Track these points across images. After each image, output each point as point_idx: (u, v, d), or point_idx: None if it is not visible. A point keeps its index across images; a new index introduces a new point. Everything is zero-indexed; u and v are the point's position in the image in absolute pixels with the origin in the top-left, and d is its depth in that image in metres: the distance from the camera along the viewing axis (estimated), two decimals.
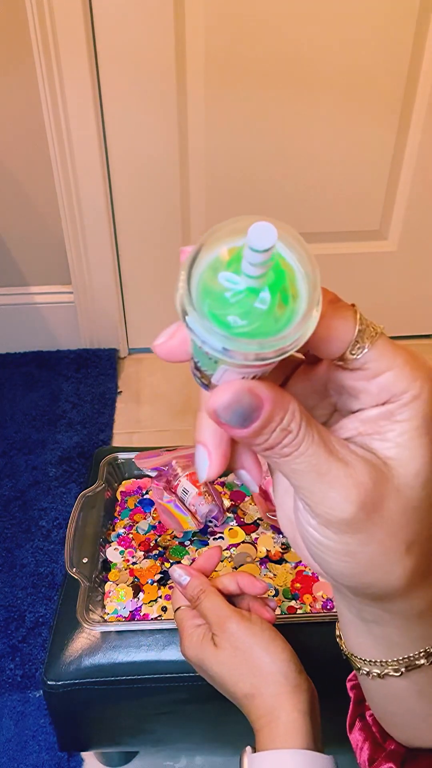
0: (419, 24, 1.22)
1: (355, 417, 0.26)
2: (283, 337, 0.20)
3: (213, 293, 0.20)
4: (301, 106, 1.29)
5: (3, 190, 1.38)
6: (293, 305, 0.20)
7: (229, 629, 0.54)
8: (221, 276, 0.20)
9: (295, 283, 0.20)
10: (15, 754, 0.85)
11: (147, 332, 1.59)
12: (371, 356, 0.25)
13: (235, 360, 0.20)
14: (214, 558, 0.63)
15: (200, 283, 0.20)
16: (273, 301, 0.20)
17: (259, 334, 0.20)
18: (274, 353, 0.20)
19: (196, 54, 1.22)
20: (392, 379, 0.25)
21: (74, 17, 1.15)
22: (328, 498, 0.24)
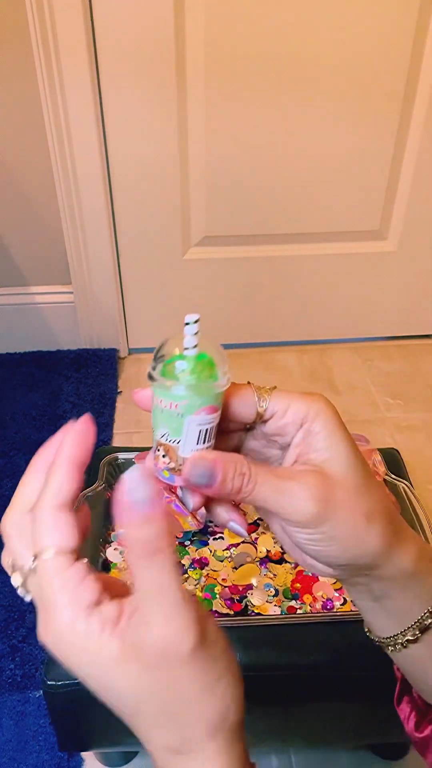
0: (419, 24, 1.22)
1: (291, 447, 0.35)
2: (218, 384, 0.32)
3: (171, 370, 0.32)
4: (301, 107, 1.29)
5: (3, 190, 1.38)
6: (215, 369, 0.33)
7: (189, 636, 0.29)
8: (178, 362, 0.32)
9: (214, 360, 0.33)
10: (15, 754, 0.85)
11: (147, 332, 1.59)
12: (274, 404, 0.35)
13: (196, 394, 0.31)
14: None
15: (163, 369, 0.32)
16: (204, 364, 0.32)
17: (203, 380, 0.32)
18: (216, 388, 0.32)
19: (196, 54, 1.22)
20: (296, 408, 0.34)
21: (74, 17, 1.15)
22: (293, 506, 0.33)
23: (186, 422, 0.32)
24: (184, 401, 0.31)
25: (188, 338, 0.32)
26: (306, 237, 1.47)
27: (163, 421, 0.32)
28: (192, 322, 0.31)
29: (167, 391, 0.31)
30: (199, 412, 0.32)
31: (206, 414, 0.32)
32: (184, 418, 0.32)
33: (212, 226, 1.44)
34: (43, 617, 0.29)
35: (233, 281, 1.51)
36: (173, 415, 0.32)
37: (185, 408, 0.31)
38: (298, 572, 0.71)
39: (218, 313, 1.56)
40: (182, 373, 0.32)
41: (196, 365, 0.32)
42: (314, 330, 1.61)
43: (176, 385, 0.31)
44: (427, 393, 1.45)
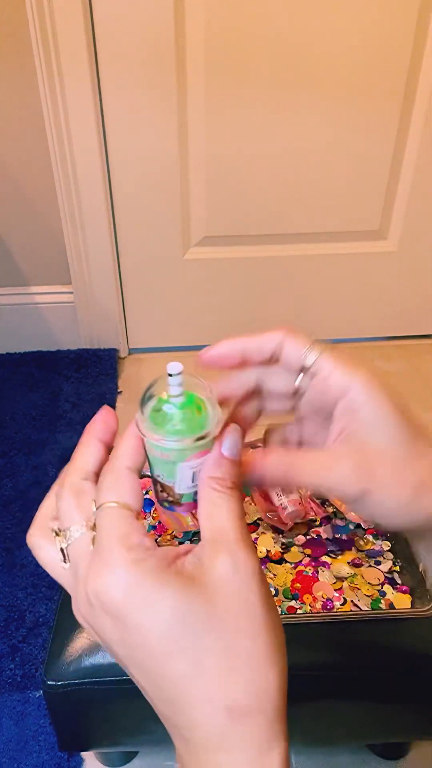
0: (419, 24, 1.22)
1: (333, 420, 0.34)
2: (207, 431, 0.32)
3: (159, 417, 0.32)
4: (301, 107, 1.29)
5: (3, 190, 1.38)
6: (204, 412, 0.32)
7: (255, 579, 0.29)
8: (165, 406, 0.32)
9: (203, 402, 0.32)
10: (15, 754, 0.85)
11: (147, 332, 1.59)
12: (321, 362, 0.34)
13: (184, 446, 0.31)
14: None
15: (151, 415, 0.32)
16: (192, 410, 0.32)
17: (191, 429, 0.31)
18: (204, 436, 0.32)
19: (196, 55, 1.22)
20: (339, 375, 0.34)
21: (74, 17, 1.15)
22: (336, 487, 0.33)
23: (178, 468, 0.32)
24: (173, 452, 0.31)
25: (173, 388, 0.31)
26: (306, 237, 1.47)
27: (156, 465, 0.33)
28: (175, 374, 0.31)
29: (159, 443, 0.31)
30: (190, 459, 0.32)
31: (196, 459, 0.32)
32: (176, 465, 0.32)
33: (212, 226, 1.44)
34: (97, 564, 0.28)
35: (233, 281, 1.51)
36: (166, 463, 0.32)
37: (176, 457, 0.32)
38: (297, 572, 0.71)
39: (218, 313, 1.56)
40: (171, 421, 0.31)
41: (184, 413, 0.32)
42: (314, 330, 1.60)
43: (166, 439, 0.31)
44: (427, 393, 1.45)
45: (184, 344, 1.60)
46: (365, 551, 0.74)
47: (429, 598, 0.66)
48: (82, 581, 0.29)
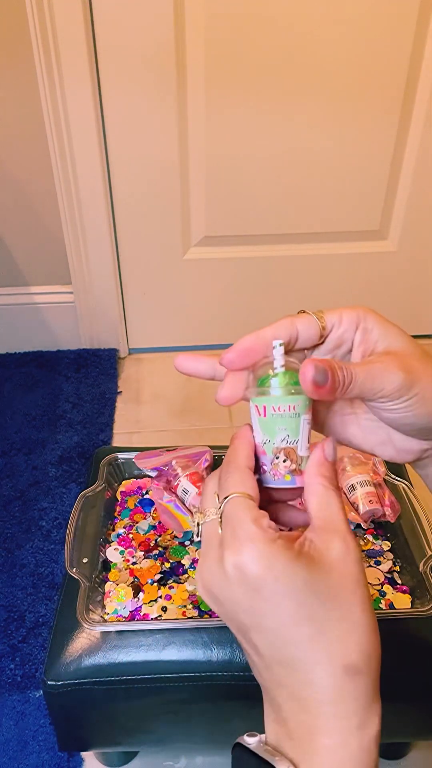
0: (419, 24, 1.22)
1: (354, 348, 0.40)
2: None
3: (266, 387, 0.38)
4: (301, 107, 1.29)
5: (3, 190, 1.38)
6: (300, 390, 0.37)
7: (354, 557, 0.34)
8: (272, 378, 0.37)
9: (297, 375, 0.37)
10: (15, 754, 0.85)
11: (147, 332, 1.59)
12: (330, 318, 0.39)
13: (305, 400, 0.37)
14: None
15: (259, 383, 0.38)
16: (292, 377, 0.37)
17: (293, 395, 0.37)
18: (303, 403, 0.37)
19: (197, 54, 1.22)
20: (347, 315, 0.39)
21: (74, 17, 1.15)
22: (385, 382, 0.37)
23: (302, 420, 0.37)
24: (299, 401, 0.37)
25: (276, 358, 0.37)
26: (306, 237, 1.47)
27: (282, 425, 0.37)
28: (278, 345, 0.37)
29: (285, 396, 0.37)
30: (308, 410, 0.37)
31: (310, 412, 0.38)
32: (300, 417, 0.37)
33: (212, 226, 1.44)
34: (234, 542, 0.33)
35: (233, 281, 1.51)
36: (293, 416, 0.37)
37: (301, 407, 0.37)
38: None
39: (218, 313, 1.56)
40: (272, 386, 0.37)
41: (284, 377, 0.37)
42: None
43: (288, 390, 0.37)
44: None
45: (184, 344, 1.60)
46: (365, 551, 0.74)
47: (429, 598, 0.66)
48: (212, 557, 0.35)
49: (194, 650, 0.65)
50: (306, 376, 0.35)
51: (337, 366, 0.36)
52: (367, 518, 0.75)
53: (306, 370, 0.35)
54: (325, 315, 0.39)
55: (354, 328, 0.39)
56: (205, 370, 0.40)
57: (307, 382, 0.35)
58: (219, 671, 0.65)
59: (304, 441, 0.37)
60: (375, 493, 0.76)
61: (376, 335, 0.39)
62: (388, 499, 0.76)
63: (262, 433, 0.38)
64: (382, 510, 0.75)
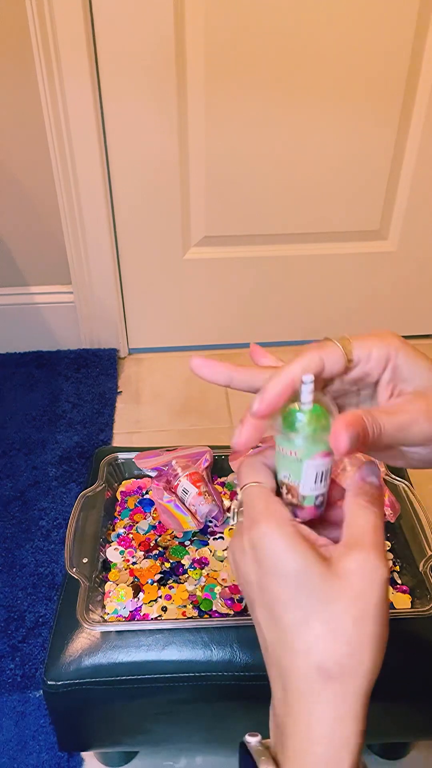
0: (419, 24, 1.22)
1: (381, 386, 0.39)
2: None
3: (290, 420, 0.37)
4: (301, 107, 1.29)
5: (3, 190, 1.38)
6: (329, 419, 0.36)
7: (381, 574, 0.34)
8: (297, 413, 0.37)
9: (327, 410, 0.37)
10: (15, 754, 0.85)
11: (147, 332, 1.59)
12: (358, 353, 0.38)
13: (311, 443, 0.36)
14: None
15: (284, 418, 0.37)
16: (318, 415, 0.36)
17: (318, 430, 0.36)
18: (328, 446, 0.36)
19: (196, 54, 1.22)
20: (378, 351, 0.38)
21: (74, 17, 1.15)
22: (414, 433, 0.36)
23: (304, 466, 0.37)
24: (301, 449, 0.36)
25: (305, 395, 0.36)
26: (306, 237, 1.47)
27: (285, 466, 0.38)
28: (309, 382, 0.36)
29: (288, 441, 0.36)
30: (315, 457, 0.36)
31: (321, 458, 0.37)
32: (302, 462, 0.37)
33: (212, 226, 1.44)
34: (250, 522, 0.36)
35: (233, 281, 1.51)
36: (293, 461, 0.37)
37: (303, 454, 0.36)
38: None
39: (218, 313, 1.56)
40: (300, 424, 0.36)
41: (312, 417, 0.36)
42: (314, 330, 1.60)
43: (296, 436, 0.36)
44: None
45: (184, 344, 1.60)
46: None
47: (429, 598, 0.66)
48: (238, 537, 0.37)
49: (194, 650, 0.65)
50: (339, 444, 0.34)
51: (367, 423, 0.35)
52: None
53: (339, 439, 0.34)
54: (353, 348, 0.38)
55: (383, 365, 0.38)
56: (223, 380, 0.40)
57: (340, 449, 0.34)
58: (219, 671, 0.65)
59: (308, 482, 0.37)
60: None
61: (405, 374, 0.38)
62: (388, 499, 0.76)
63: (275, 461, 0.39)
64: None
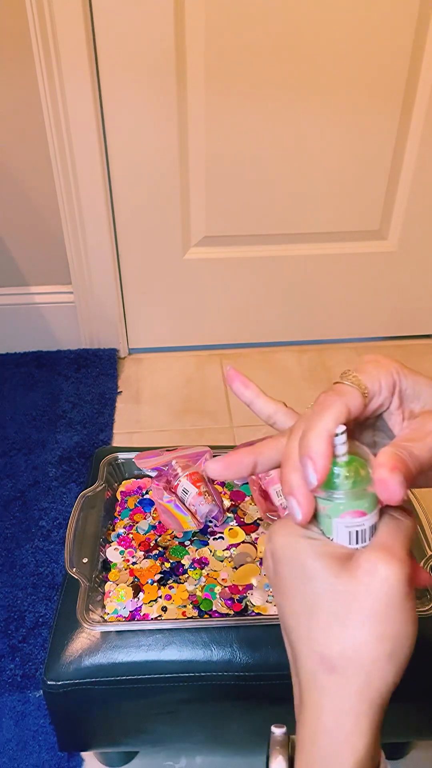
0: (419, 24, 1.22)
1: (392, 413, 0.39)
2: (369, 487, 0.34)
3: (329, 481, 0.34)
4: (301, 107, 1.29)
5: (3, 190, 1.38)
6: (365, 473, 0.34)
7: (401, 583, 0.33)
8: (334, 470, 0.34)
9: (365, 464, 0.35)
10: (15, 754, 0.85)
11: (147, 332, 1.59)
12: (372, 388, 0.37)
13: (337, 505, 0.34)
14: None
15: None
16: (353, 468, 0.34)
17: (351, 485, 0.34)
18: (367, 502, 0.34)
19: (196, 54, 1.22)
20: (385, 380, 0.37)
21: (74, 17, 1.15)
22: None
23: (334, 524, 0.34)
24: (329, 505, 0.34)
25: (339, 447, 0.34)
26: (306, 237, 1.47)
27: (320, 519, 0.35)
28: (340, 433, 0.34)
29: (318, 496, 0.34)
30: (344, 515, 0.34)
31: (351, 517, 0.34)
32: (331, 519, 0.34)
33: (212, 226, 1.44)
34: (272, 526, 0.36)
35: (233, 281, 1.51)
36: (325, 516, 0.35)
37: (330, 511, 0.34)
38: None
39: (218, 313, 1.56)
40: (338, 479, 0.34)
41: (349, 470, 0.34)
42: (314, 330, 1.61)
43: (324, 492, 0.34)
44: None
45: (184, 344, 1.60)
46: None
47: (429, 598, 0.66)
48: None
49: (194, 650, 0.65)
50: (391, 493, 0.33)
51: (405, 458, 0.34)
52: None
53: (390, 486, 0.32)
54: (365, 383, 0.37)
55: (392, 392, 0.38)
56: (248, 474, 0.39)
57: (395, 497, 0.33)
58: (219, 671, 0.65)
59: (339, 540, 0.35)
60: None
61: (410, 394, 0.39)
62: None
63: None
64: None
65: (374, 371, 0.37)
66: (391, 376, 0.38)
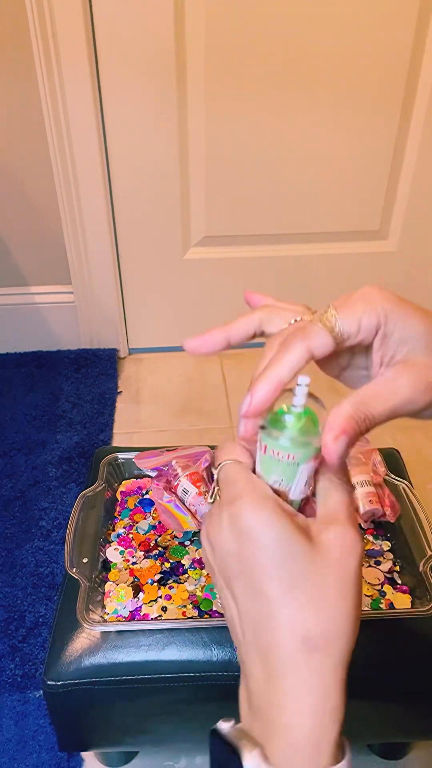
0: (419, 24, 1.22)
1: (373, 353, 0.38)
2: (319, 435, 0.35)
3: (280, 425, 0.36)
4: (301, 106, 1.29)
5: (3, 190, 1.38)
6: (317, 422, 0.36)
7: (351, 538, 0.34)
8: (286, 416, 0.36)
9: (317, 413, 0.36)
10: (15, 754, 0.85)
11: (147, 332, 1.59)
12: (347, 330, 0.36)
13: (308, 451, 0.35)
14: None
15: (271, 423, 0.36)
16: (309, 418, 0.36)
17: (311, 433, 0.35)
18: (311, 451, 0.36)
19: (196, 54, 1.22)
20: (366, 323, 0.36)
21: (74, 17, 1.15)
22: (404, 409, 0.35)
23: (299, 470, 0.36)
24: (300, 452, 0.35)
25: (299, 397, 0.35)
26: (306, 237, 1.47)
27: (277, 470, 0.36)
28: (304, 384, 0.35)
29: (288, 443, 0.35)
30: (310, 460, 0.36)
31: (314, 462, 0.36)
32: (299, 466, 0.36)
33: (212, 226, 1.44)
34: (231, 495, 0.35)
35: (233, 281, 1.51)
36: (290, 465, 0.36)
37: (301, 458, 0.35)
38: None
39: (218, 313, 1.56)
40: (294, 426, 0.35)
41: (301, 420, 0.35)
42: None
43: (295, 438, 0.35)
44: None
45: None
46: (365, 551, 0.74)
47: (429, 598, 0.66)
48: (215, 512, 0.36)
49: (194, 650, 0.65)
50: (331, 456, 0.34)
51: (357, 420, 0.34)
52: (367, 518, 0.75)
53: (330, 451, 0.33)
54: (340, 324, 0.36)
55: (372, 334, 0.37)
56: (222, 346, 0.41)
57: (332, 460, 0.34)
58: (219, 671, 0.65)
59: (299, 486, 0.36)
60: (375, 493, 0.76)
61: (396, 337, 0.37)
62: (388, 499, 0.76)
63: (260, 466, 0.37)
64: (382, 510, 0.75)
65: (359, 309, 0.36)
66: (377, 318, 0.36)
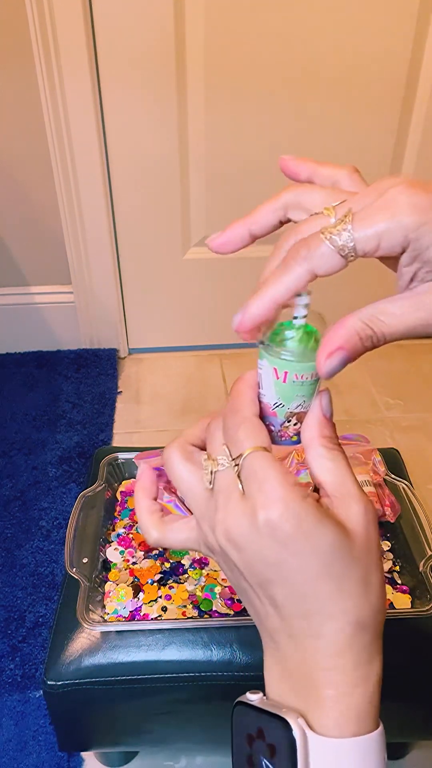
0: (419, 24, 1.22)
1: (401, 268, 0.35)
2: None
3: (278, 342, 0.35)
4: (301, 106, 1.29)
5: (3, 190, 1.38)
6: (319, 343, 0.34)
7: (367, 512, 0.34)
8: (288, 332, 0.35)
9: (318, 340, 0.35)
10: (15, 754, 0.85)
11: (147, 332, 1.59)
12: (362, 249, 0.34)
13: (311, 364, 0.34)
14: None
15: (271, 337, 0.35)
16: (311, 336, 0.35)
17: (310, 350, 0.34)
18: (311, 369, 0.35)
19: (196, 54, 1.22)
20: (388, 240, 0.32)
21: (74, 17, 1.15)
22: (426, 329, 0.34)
23: (318, 386, 0.35)
24: (275, 358, 0.35)
25: (300, 308, 0.33)
26: None
27: (301, 393, 0.35)
28: (304, 301, 0.33)
29: (307, 362, 0.34)
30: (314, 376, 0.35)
31: (295, 377, 0.35)
32: (319, 382, 0.35)
33: (212, 226, 1.44)
34: (262, 498, 0.33)
35: (233, 281, 1.51)
36: (313, 383, 0.35)
37: (274, 363, 0.35)
38: None
39: (218, 313, 1.56)
40: (289, 339, 0.34)
41: (306, 337, 0.34)
42: None
43: (309, 353, 0.34)
44: (427, 393, 1.45)
45: (184, 344, 1.60)
46: None
47: (429, 598, 0.66)
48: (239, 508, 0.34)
49: (194, 650, 0.65)
50: (321, 370, 0.32)
51: (362, 335, 0.33)
52: None
53: (323, 368, 0.32)
54: (353, 243, 0.33)
55: (397, 251, 0.32)
56: (245, 240, 0.40)
57: (323, 375, 0.33)
58: (219, 671, 0.65)
59: (315, 404, 0.36)
60: (375, 493, 0.76)
61: (429, 256, 0.32)
62: (388, 499, 0.76)
63: (277, 396, 0.35)
64: (382, 510, 0.75)
65: (380, 224, 0.31)
66: (403, 236, 0.31)
